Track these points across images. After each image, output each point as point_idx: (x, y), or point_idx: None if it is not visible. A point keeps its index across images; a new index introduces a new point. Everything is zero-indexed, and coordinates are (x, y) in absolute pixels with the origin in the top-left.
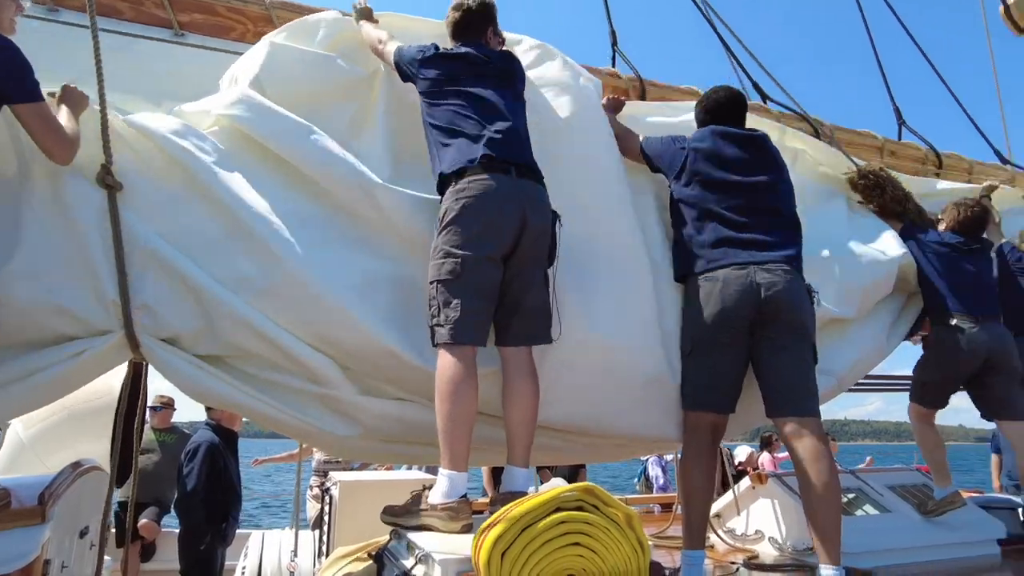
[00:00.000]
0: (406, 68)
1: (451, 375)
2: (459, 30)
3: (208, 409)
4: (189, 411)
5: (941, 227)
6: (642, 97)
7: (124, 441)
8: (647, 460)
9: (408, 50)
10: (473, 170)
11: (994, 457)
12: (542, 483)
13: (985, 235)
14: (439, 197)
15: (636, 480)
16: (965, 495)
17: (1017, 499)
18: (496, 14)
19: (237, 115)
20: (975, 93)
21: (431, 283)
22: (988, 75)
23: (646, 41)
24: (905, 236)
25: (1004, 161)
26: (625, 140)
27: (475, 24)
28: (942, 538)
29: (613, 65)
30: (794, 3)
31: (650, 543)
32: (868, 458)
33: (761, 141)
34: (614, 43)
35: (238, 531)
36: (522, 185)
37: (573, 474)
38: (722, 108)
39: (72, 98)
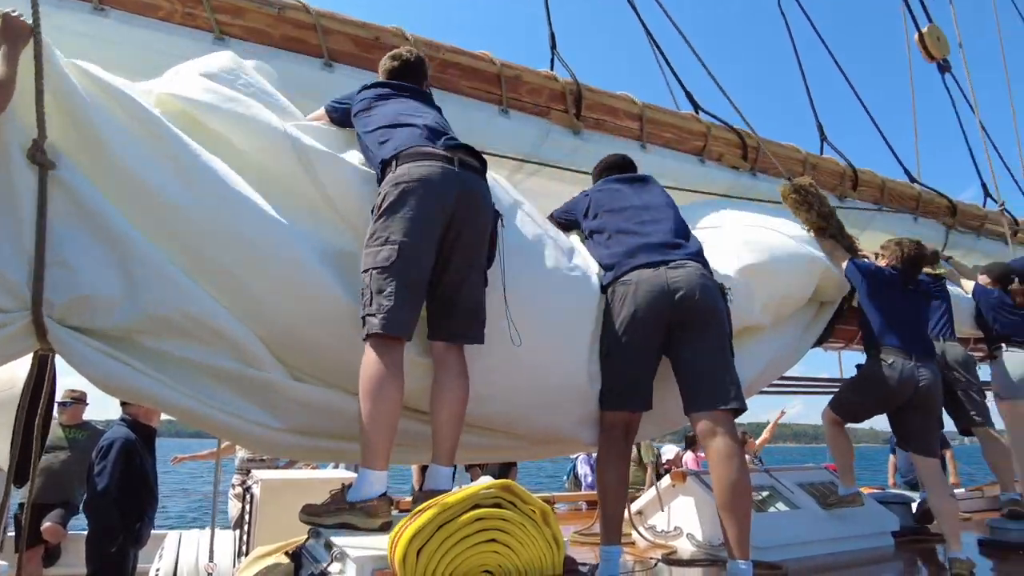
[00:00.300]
0: (340, 102)
1: (377, 370)
2: (394, 76)
3: (123, 404)
4: (108, 411)
5: (881, 262)
6: (578, 101)
7: (25, 438)
8: (576, 458)
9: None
10: (413, 155)
11: (891, 457)
12: (471, 481)
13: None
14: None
15: (565, 478)
16: (867, 491)
17: (910, 494)
18: (428, 71)
19: (178, 92)
20: (894, 117)
21: (365, 271)
22: (908, 101)
23: (586, 47)
24: (852, 268)
25: (912, 180)
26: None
27: (411, 74)
28: (844, 531)
29: (551, 68)
30: (729, 24)
31: (573, 539)
32: (780, 411)
33: (647, 176)
34: (553, 46)
35: (156, 532)
36: (465, 176)
37: (504, 472)
38: (612, 167)
39: (10, 31)
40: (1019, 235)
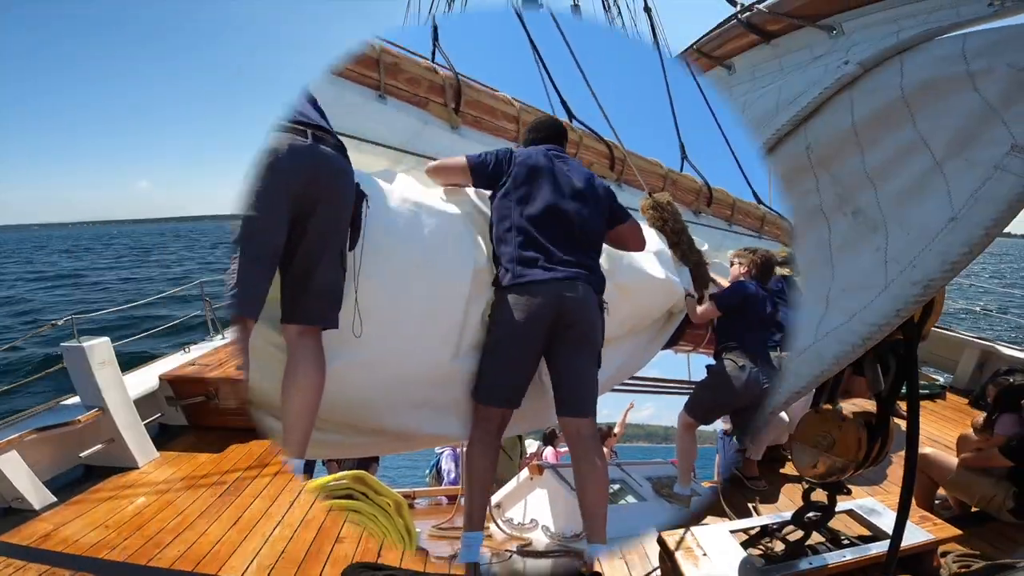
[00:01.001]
0: None
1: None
2: None
3: None
4: None
5: (740, 270)
6: (457, 96)
7: None
8: (441, 453)
9: None
10: None
11: (717, 457)
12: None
13: None
14: None
15: (427, 472)
16: (707, 484)
17: None
18: None
19: None
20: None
21: None
22: None
23: (468, 40)
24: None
25: (759, 201)
26: (450, 161)
27: None
28: (684, 519)
29: (432, 60)
30: (603, 41)
31: (431, 533)
32: (630, 402)
33: (575, 162)
34: (435, 38)
35: None
36: (317, 150)
37: (363, 467)
38: (542, 131)
39: None
40: None
